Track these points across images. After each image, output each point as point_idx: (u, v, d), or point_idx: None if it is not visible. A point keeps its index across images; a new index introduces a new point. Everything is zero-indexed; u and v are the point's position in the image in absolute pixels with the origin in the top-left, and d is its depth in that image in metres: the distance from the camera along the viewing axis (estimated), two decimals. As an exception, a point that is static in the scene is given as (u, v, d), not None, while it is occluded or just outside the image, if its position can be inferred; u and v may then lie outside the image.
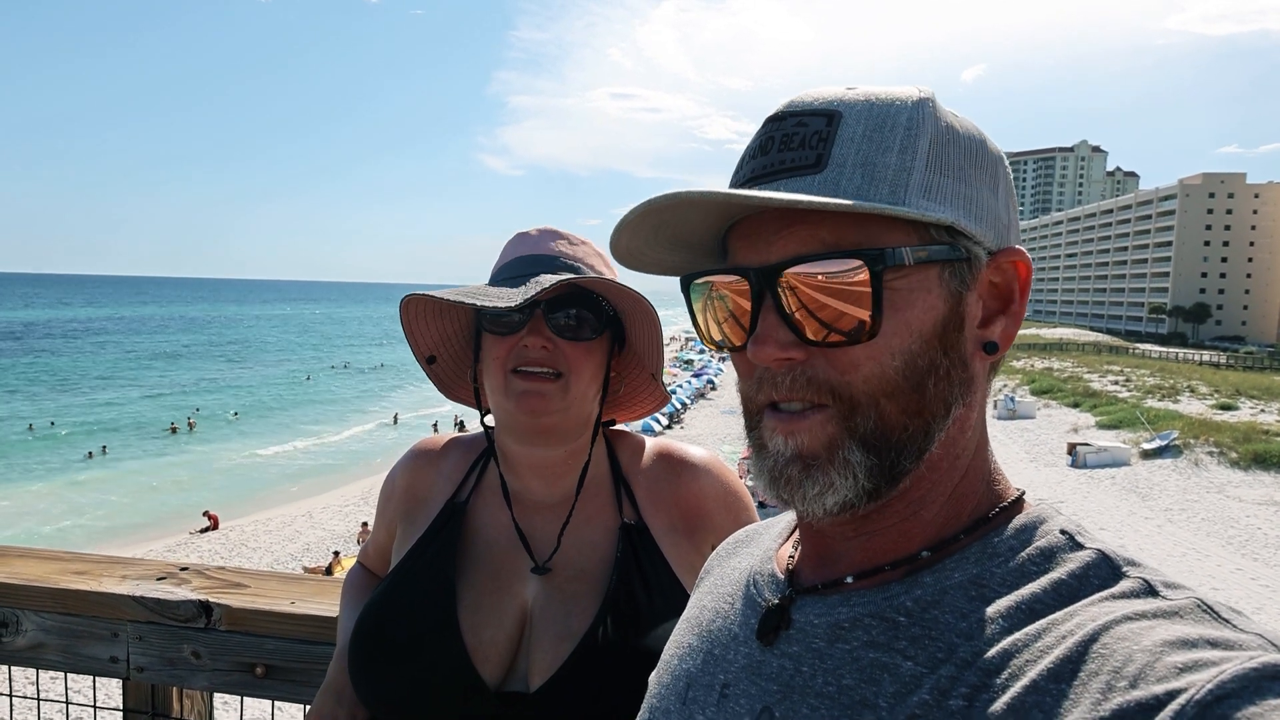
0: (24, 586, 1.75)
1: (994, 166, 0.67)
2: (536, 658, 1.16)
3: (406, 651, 1.17)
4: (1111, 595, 0.56)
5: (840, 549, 0.68)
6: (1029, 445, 37.34)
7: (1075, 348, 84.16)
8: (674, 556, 1.24)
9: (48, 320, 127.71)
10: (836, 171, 0.62)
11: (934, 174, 0.63)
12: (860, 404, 0.62)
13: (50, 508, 27.04)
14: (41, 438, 39.09)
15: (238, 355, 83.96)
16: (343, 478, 31.19)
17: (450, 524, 1.28)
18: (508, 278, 1.26)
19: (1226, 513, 25.86)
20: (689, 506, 1.28)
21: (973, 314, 0.65)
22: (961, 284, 0.64)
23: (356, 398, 53.77)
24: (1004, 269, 0.66)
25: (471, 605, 1.19)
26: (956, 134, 0.65)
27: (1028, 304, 0.68)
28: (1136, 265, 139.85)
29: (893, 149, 0.62)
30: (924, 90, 0.66)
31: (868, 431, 0.62)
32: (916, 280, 0.62)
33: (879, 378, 0.62)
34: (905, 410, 0.62)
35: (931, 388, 0.63)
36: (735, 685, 0.69)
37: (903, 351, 0.62)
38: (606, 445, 1.33)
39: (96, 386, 57.78)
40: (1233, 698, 0.45)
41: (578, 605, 1.18)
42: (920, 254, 0.61)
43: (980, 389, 0.67)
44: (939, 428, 0.63)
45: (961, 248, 0.63)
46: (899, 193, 0.62)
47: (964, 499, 0.66)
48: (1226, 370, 61.61)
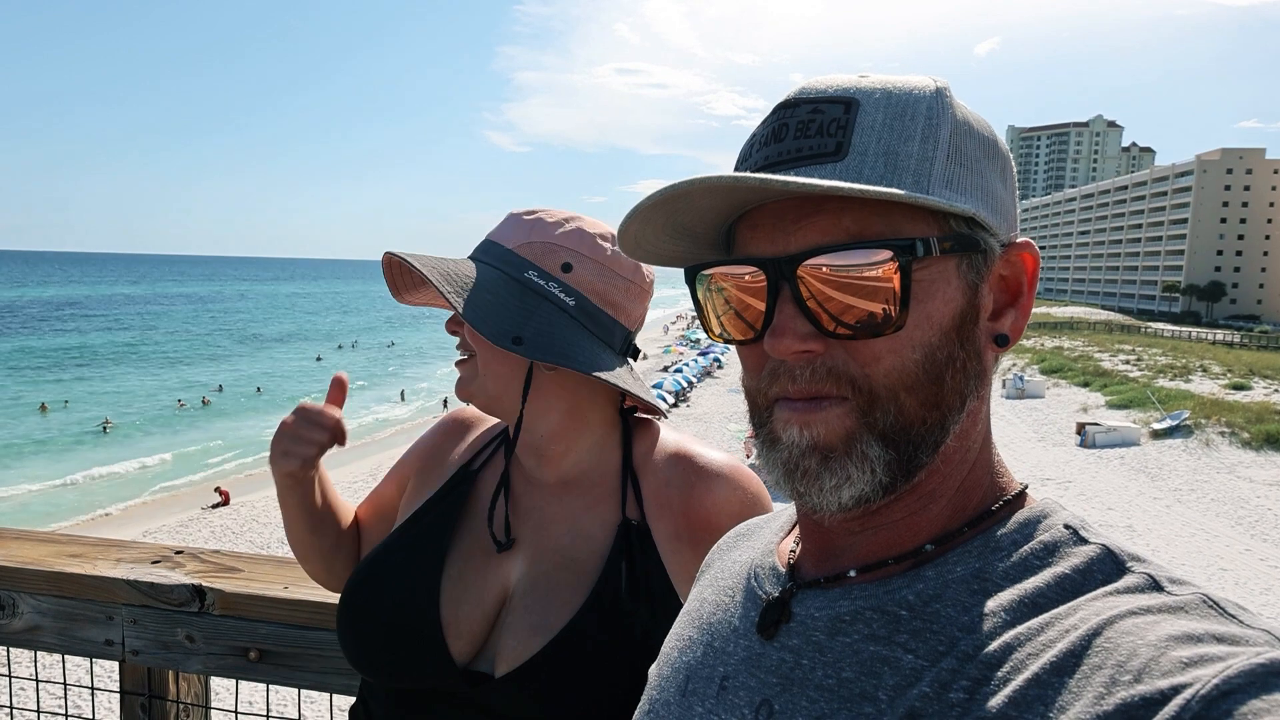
0: (19, 569, 1.75)
1: (1004, 160, 0.67)
2: (506, 642, 1.13)
3: (385, 613, 1.16)
4: (1116, 590, 0.56)
5: (844, 543, 0.68)
6: (1037, 424, 37.24)
7: (1086, 326, 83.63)
8: (673, 565, 1.16)
9: (84, 297, 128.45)
10: (859, 159, 0.60)
11: (954, 165, 0.62)
12: (880, 397, 0.61)
13: (56, 488, 27.35)
14: (55, 413, 39.45)
15: (245, 333, 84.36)
16: (352, 454, 31.43)
17: (457, 490, 1.26)
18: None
19: (1236, 493, 25.77)
20: (699, 517, 1.18)
21: (985, 306, 0.65)
22: (977, 276, 0.63)
23: (365, 373, 54.09)
24: (1013, 261, 0.66)
25: (456, 577, 1.17)
26: (971, 126, 0.65)
27: (1038, 283, 0.68)
28: (1151, 243, 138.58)
29: (915, 138, 0.61)
30: (939, 81, 0.65)
31: (887, 426, 0.61)
32: (937, 272, 0.61)
33: (899, 370, 0.61)
34: (924, 403, 0.61)
35: (949, 380, 0.62)
36: (734, 678, 0.69)
37: (923, 344, 0.61)
38: (624, 434, 1.26)
39: (108, 362, 58.22)
40: (1238, 693, 0.45)
41: (559, 596, 1.14)
42: (945, 245, 0.60)
43: (989, 381, 0.67)
44: (954, 420, 0.63)
45: (979, 239, 0.63)
46: (922, 182, 0.60)
47: (970, 492, 0.66)
48: (1240, 350, 61.14)
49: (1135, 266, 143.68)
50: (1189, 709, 0.45)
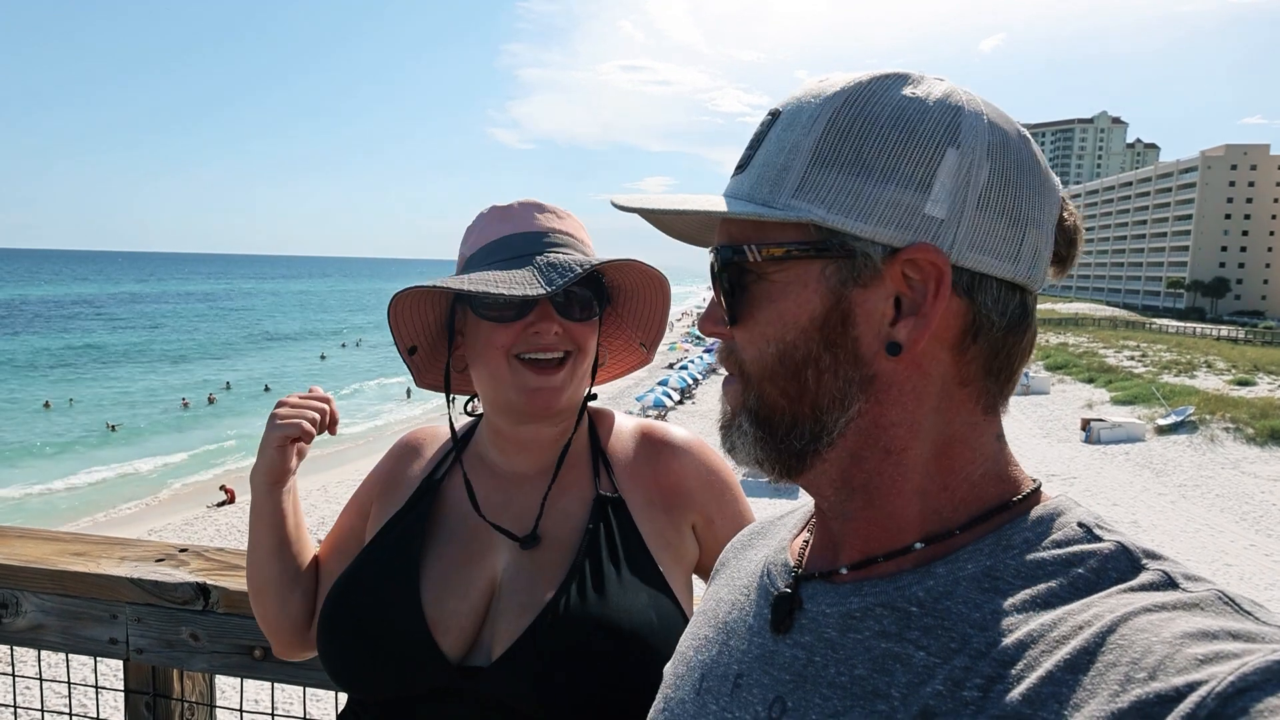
0: (23, 568, 1.74)
1: (932, 159, 0.62)
2: (500, 628, 1.14)
3: (369, 625, 1.16)
4: (1130, 587, 0.55)
5: (839, 528, 0.69)
6: (1042, 421, 37.14)
7: (1091, 323, 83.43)
8: (649, 531, 1.22)
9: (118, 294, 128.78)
10: (753, 171, 0.67)
11: (819, 170, 0.63)
12: (751, 381, 0.67)
13: (56, 488, 27.41)
14: (59, 413, 39.53)
15: (253, 330, 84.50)
16: (358, 452, 31.48)
17: (423, 500, 1.27)
18: (505, 259, 1.23)
19: (1241, 489, 25.69)
20: (669, 484, 1.26)
21: (874, 311, 0.63)
22: (845, 281, 0.63)
23: (370, 370, 54.12)
24: (921, 266, 0.61)
25: (436, 578, 1.18)
26: (874, 124, 0.62)
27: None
28: (1155, 239, 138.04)
29: (784, 148, 0.65)
30: (877, 74, 0.65)
31: (754, 407, 0.67)
32: (794, 274, 0.64)
33: (758, 361, 0.66)
34: (784, 394, 0.65)
35: (811, 378, 0.64)
36: (748, 675, 0.69)
37: (777, 340, 0.65)
38: (588, 420, 1.32)
39: (112, 362, 58.37)
40: (1254, 690, 0.44)
41: (545, 575, 1.17)
42: (775, 251, 0.63)
43: (907, 387, 0.64)
44: (833, 418, 0.64)
45: (850, 246, 0.62)
46: (777, 192, 0.64)
47: (943, 493, 0.65)
48: (1245, 346, 60.91)
49: (1140, 263, 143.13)
50: (1204, 706, 0.45)
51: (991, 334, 0.64)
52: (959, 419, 0.65)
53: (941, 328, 0.63)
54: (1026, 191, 0.64)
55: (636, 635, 1.10)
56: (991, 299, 0.63)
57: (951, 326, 0.63)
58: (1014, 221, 0.63)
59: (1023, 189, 0.64)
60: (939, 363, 0.64)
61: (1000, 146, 0.63)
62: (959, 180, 0.62)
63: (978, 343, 0.64)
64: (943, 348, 0.64)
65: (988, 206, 0.62)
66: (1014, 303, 0.64)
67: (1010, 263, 0.63)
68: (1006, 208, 0.63)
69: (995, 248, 0.63)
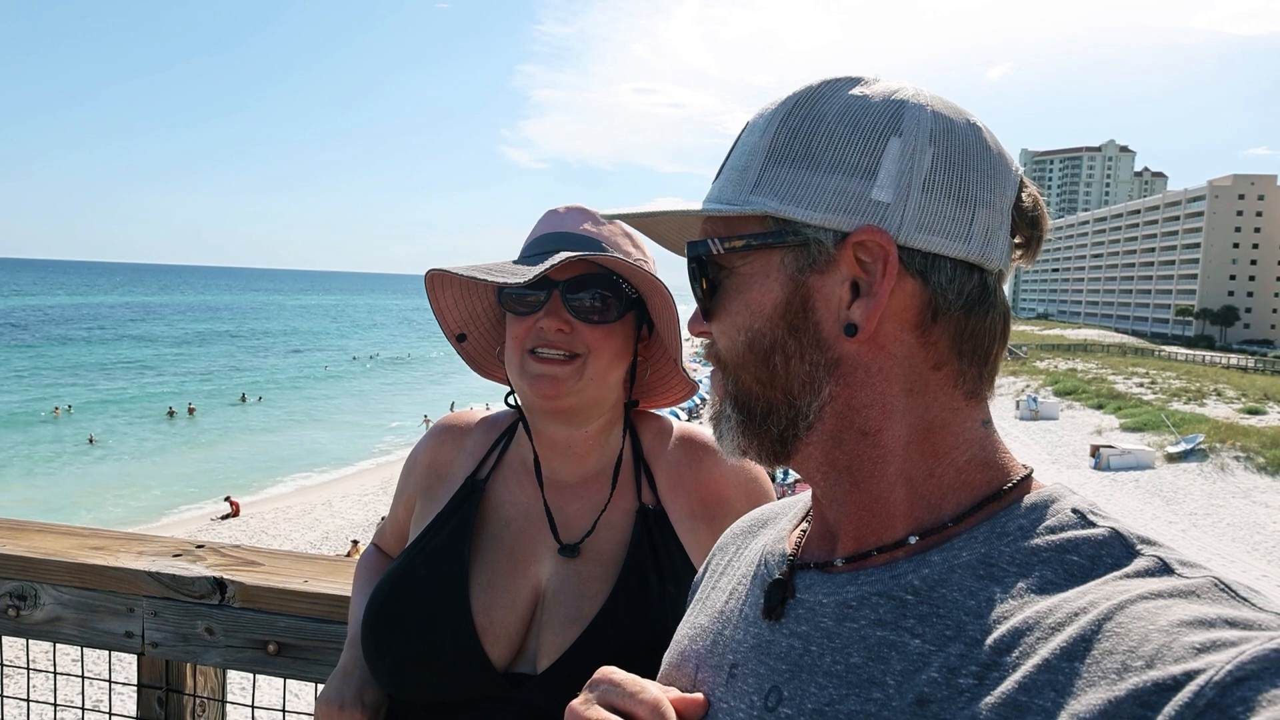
0: (42, 560, 1.76)
1: (876, 147, 0.64)
2: (546, 640, 1.15)
3: (417, 628, 1.16)
4: (1126, 574, 0.55)
5: (835, 520, 0.69)
6: (1051, 446, 36.91)
7: (1100, 349, 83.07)
8: (690, 543, 1.22)
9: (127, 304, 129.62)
10: (721, 177, 0.72)
11: (773, 167, 0.66)
12: (730, 370, 0.71)
13: (66, 498, 27.43)
14: (46, 421, 39.58)
15: (261, 342, 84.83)
16: (363, 466, 31.47)
17: (469, 500, 1.27)
18: (531, 255, 1.25)
19: (1253, 518, 25.42)
20: (709, 493, 1.26)
21: (831, 295, 0.65)
22: (802, 268, 0.65)
23: (378, 388, 54.24)
24: (870, 248, 0.63)
25: (485, 584, 1.19)
26: (821, 121, 0.66)
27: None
28: (1164, 266, 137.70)
29: (745, 151, 0.69)
30: (829, 78, 0.68)
31: (736, 394, 0.71)
32: (757, 265, 0.67)
33: (732, 350, 0.70)
34: (758, 380, 0.68)
35: (779, 364, 0.67)
36: (744, 665, 0.70)
37: (746, 329, 0.68)
38: (629, 427, 1.31)
39: (113, 372, 58.58)
40: (1253, 679, 0.44)
41: (590, 588, 1.18)
42: (735, 243, 0.67)
43: (874, 369, 0.65)
44: (806, 402, 0.66)
45: (802, 234, 0.65)
46: (739, 191, 0.68)
47: (929, 479, 0.65)
48: (1254, 374, 60.50)
49: (1148, 290, 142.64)
50: (1203, 695, 0.44)
51: (950, 314, 0.64)
52: (938, 403, 0.65)
53: (899, 308, 0.64)
54: (974, 174, 0.65)
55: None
56: (946, 278, 0.64)
57: (909, 307, 0.64)
58: (962, 202, 0.64)
59: (969, 171, 0.65)
60: (902, 344, 0.65)
61: (944, 133, 0.65)
62: (903, 165, 0.63)
63: (938, 323, 0.64)
64: (904, 329, 0.64)
65: (934, 189, 0.64)
66: (971, 282, 0.65)
67: (961, 242, 0.64)
68: (953, 189, 0.64)
69: (944, 228, 0.64)
